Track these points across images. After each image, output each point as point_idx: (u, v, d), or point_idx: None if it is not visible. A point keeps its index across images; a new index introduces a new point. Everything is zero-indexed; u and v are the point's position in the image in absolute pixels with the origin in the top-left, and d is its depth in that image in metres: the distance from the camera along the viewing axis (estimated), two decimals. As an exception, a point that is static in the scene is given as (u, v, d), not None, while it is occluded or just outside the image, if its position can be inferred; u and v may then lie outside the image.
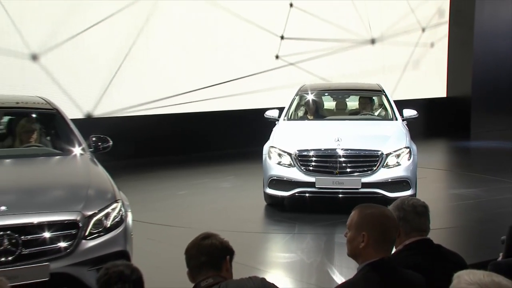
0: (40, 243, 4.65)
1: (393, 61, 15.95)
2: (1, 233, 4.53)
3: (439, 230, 6.92)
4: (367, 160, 8.04)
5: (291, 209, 8.30)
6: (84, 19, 11.33)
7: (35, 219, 4.69)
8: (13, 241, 4.55)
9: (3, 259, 4.51)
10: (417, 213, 3.60)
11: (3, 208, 4.69)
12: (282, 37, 13.89)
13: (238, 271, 3.23)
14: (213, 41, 12.94)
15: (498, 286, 2.05)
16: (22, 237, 4.58)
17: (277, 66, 13.87)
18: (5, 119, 6.72)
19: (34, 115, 6.48)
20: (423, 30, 16.55)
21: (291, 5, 13.93)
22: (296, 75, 13.79)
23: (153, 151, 12.22)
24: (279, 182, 8.17)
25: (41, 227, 4.67)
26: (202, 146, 12.91)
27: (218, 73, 13.03)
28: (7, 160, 5.87)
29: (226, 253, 3.15)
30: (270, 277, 5.78)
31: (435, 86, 17.14)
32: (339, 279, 5.72)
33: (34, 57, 10.89)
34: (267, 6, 13.59)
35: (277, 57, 13.89)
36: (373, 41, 15.49)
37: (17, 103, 6.72)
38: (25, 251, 4.58)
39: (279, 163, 8.19)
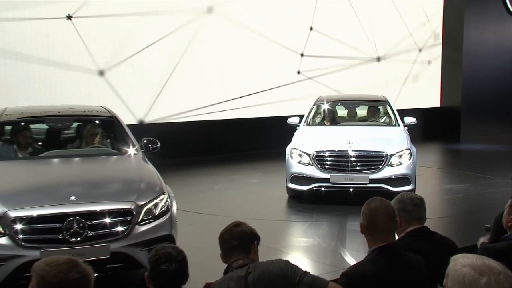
0: (102, 227, 4.70)
1: (395, 76, 15.85)
2: (71, 218, 4.60)
3: (435, 219, 6.86)
4: (374, 159, 7.97)
5: (310, 201, 8.25)
6: (138, 43, 11.42)
7: (98, 207, 4.75)
8: (81, 225, 4.61)
9: (73, 239, 4.58)
10: (414, 204, 3.59)
11: (73, 198, 4.76)
12: (302, 55, 13.85)
13: (264, 253, 3.22)
14: (243, 59, 12.94)
15: (488, 267, 2.01)
16: (88, 222, 4.64)
17: (298, 80, 13.82)
18: (75, 125, 6.81)
19: (97, 122, 6.53)
20: (420, 50, 16.45)
21: (311, 28, 13.90)
22: (314, 88, 13.73)
23: (194, 151, 12.24)
24: (299, 178, 8.13)
25: (102, 214, 4.73)
26: (234, 147, 12.90)
27: (248, 86, 13.03)
28: (76, 159, 5.95)
29: (254, 239, 3.14)
30: (291, 258, 5.76)
31: (431, 98, 16.99)
32: (350, 260, 5.70)
33: (101, 73, 11.02)
34: (291, 29, 13.57)
35: (298, 72, 13.85)
36: (378, 59, 15.39)
37: (84, 111, 6.80)
38: (90, 234, 4.64)
39: (299, 162, 8.15)
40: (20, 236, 4.52)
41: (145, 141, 6.22)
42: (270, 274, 2.95)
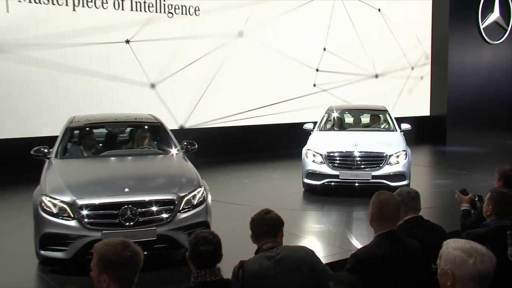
0: (150, 214, 4.70)
1: (392, 90, 15.71)
2: (125, 206, 4.62)
3: (426, 209, 6.67)
4: (376, 159, 7.85)
5: (322, 194, 8.14)
6: (181, 62, 11.45)
7: (147, 198, 4.75)
8: (133, 212, 4.62)
9: (127, 224, 4.61)
10: (411, 197, 3.54)
11: (126, 189, 4.78)
12: (317, 70, 13.78)
13: (284, 237, 3.17)
14: (268, 74, 12.90)
15: (474, 250, 2.02)
16: (139, 209, 4.65)
17: (314, 92, 13.76)
18: (128, 129, 6.84)
19: (146, 127, 6.54)
20: (412, 68, 16.28)
21: (324, 49, 13.83)
22: (327, 98, 13.65)
23: (225, 152, 12.21)
24: (313, 174, 8.05)
25: (150, 203, 4.73)
26: (259, 148, 12.84)
27: (271, 96, 12.97)
28: (129, 157, 5.97)
29: (281, 224, 3.09)
30: (306, 242, 5.71)
31: (422, 108, 16.82)
32: (356, 243, 5.61)
33: (153, 86, 11.10)
34: (307, 49, 13.49)
35: (314, 85, 13.78)
36: (376, 76, 15.28)
37: (136, 118, 6.82)
38: (141, 219, 4.64)
39: (313, 161, 8.07)
40: (86, 220, 4.57)
41: (185, 143, 6.22)
42: (296, 257, 2.92)
